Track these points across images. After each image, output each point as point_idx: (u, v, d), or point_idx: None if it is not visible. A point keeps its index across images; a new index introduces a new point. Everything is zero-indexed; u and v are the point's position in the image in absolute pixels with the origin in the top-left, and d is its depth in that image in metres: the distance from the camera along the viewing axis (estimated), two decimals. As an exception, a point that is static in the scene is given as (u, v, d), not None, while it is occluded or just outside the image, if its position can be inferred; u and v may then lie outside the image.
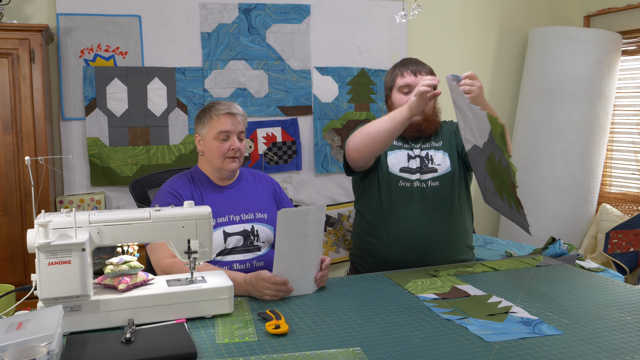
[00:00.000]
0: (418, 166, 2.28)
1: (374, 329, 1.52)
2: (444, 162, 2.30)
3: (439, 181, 2.27)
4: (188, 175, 2.11)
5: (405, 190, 2.25)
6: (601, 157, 3.93)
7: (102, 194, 3.29)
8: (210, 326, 1.55)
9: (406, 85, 2.28)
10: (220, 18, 3.50)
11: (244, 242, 2.03)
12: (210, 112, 2.07)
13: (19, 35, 2.82)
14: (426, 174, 2.27)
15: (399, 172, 2.27)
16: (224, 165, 2.06)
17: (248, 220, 2.07)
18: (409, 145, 2.33)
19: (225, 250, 2.01)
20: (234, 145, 2.04)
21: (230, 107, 2.07)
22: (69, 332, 1.47)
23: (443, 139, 2.36)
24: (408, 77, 2.28)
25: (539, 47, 3.93)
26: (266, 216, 2.10)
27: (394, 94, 2.33)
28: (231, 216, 2.05)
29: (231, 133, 2.05)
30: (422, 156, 2.30)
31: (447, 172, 2.28)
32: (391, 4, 3.81)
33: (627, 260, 3.63)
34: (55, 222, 1.49)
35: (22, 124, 2.85)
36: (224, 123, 2.04)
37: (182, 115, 3.45)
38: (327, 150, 3.76)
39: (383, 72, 3.83)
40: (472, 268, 2.11)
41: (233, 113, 2.06)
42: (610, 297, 1.79)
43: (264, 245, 2.07)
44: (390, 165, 2.28)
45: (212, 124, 2.05)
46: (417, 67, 2.30)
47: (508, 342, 1.43)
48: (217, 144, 2.04)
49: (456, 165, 2.31)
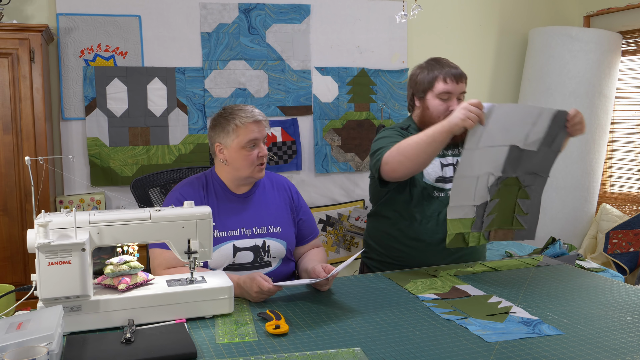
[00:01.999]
0: (451, 175, 2.21)
1: (374, 329, 1.52)
2: None
3: None
4: (202, 180, 2.03)
5: (440, 200, 2.19)
6: (601, 157, 3.93)
7: (102, 194, 3.29)
8: (210, 326, 1.54)
9: (447, 92, 2.16)
10: (220, 18, 3.50)
11: (254, 258, 1.97)
12: (234, 119, 1.95)
13: (19, 35, 2.82)
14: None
15: (435, 182, 2.19)
16: (254, 173, 1.97)
17: (260, 235, 1.99)
18: (441, 153, 2.24)
19: (233, 265, 1.95)
20: (262, 152, 1.96)
21: (253, 113, 1.97)
22: (69, 332, 1.47)
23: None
24: (450, 85, 2.16)
25: (539, 47, 3.93)
26: (279, 230, 2.02)
27: (431, 98, 2.20)
28: (243, 230, 1.98)
29: (259, 140, 1.97)
30: (454, 164, 2.24)
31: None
32: (391, 4, 3.81)
33: (627, 260, 3.63)
34: (55, 222, 1.48)
35: (22, 124, 2.85)
36: (251, 131, 1.94)
37: (182, 115, 3.45)
38: (327, 150, 3.76)
39: (383, 72, 3.83)
40: (472, 268, 2.11)
41: (259, 120, 1.96)
42: (610, 297, 1.79)
43: (274, 261, 2.01)
44: (425, 175, 2.20)
45: (239, 132, 1.94)
46: (459, 73, 2.18)
47: (508, 342, 1.43)
48: (245, 153, 1.95)
49: None
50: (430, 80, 2.19)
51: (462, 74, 2.20)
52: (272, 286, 1.68)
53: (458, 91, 2.18)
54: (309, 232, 2.14)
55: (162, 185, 2.37)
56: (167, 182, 2.36)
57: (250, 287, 1.70)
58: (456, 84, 2.17)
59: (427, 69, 2.22)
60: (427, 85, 2.20)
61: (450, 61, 2.24)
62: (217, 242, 1.93)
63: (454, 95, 2.17)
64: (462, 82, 2.18)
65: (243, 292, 1.74)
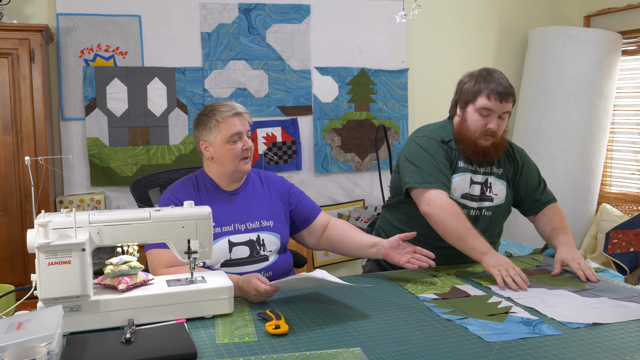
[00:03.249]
0: (478, 194, 2.17)
1: (374, 329, 1.52)
2: (501, 192, 2.21)
3: (492, 211, 2.20)
4: (192, 180, 2.05)
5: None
6: (601, 157, 3.93)
7: (102, 194, 3.29)
8: (210, 326, 1.54)
9: (487, 109, 2.09)
10: (220, 18, 3.50)
11: (250, 253, 1.99)
12: (215, 115, 1.98)
13: (19, 35, 2.82)
14: (482, 202, 2.19)
15: (460, 199, 2.15)
16: (239, 167, 1.99)
17: (254, 229, 2.02)
18: (473, 168, 2.19)
19: (230, 261, 1.96)
20: (246, 145, 1.98)
21: (233, 107, 2.00)
22: (69, 332, 1.47)
23: (503, 166, 2.24)
24: (493, 103, 2.08)
25: (539, 47, 3.93)
26: (272, 224, 2.05)
27: (471, 110, 2.13)
28: (237, 225, 2.00)
29: (242, 133, 1.99)
30: (482, 182, 2.19)
31: (500, 204, 2.21)
32: (391, 4, 3.81)
33: (627, 260, 3.63)
34: (55, 222, 1.48)
35: (22, 124, 2.85)
36: (233, 125, 1.97)
37: (182, 115, 3.45)
38: (327, 150, 3.76)
39: (383, 72, 3.83)
40: (472, 268, 2.11)
41: (240, 112, 1.99)
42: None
43: (271, 254, 2.03)
44: (452, 189, 2.14)
45: (221, 127, 1.96)
46: (505, 91, 2.08)
47: (508, 342, 1.43)
48: (229, 147, 1.97)
49: (510, 197, 2.24)
50: (475, 92, 2.11)
51: (509, 92, 2.09)
52: (267, 287, 1.68)
53: (500, 110, 2.09)
54: (310, 211, 2.15)
55: (162, 185, 2.37)
56: (167, 182, 2.36)
57: (248, 289, 1.71)
58: (499, 102, 2.08)
59: (476, 80, 2.13)
60: (470, 97, 2.13)
61: (503, 76, 2.13)
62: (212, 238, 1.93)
63: (494, 113, 2.10)
64: (506, 101, 2.09)
65: (244, 293, 1.74)
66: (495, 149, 2.15)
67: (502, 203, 2.21)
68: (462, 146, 2.16)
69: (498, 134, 2.12)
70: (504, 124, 2.15)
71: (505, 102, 2.09)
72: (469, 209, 2.15)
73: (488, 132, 2.11)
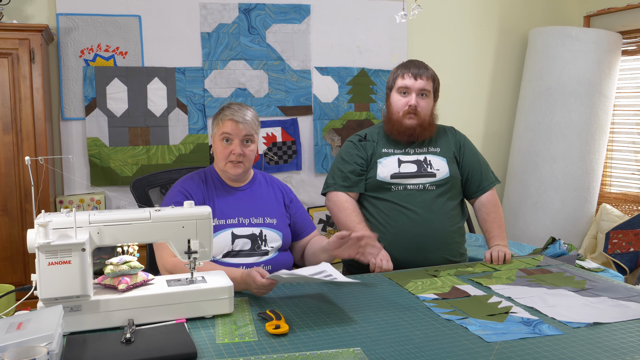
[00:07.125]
0: (413, 171, 2.31)
1: (374, 329, 1.52)
2: (443, 167, 2.33)
3: (436, 186, 2.31)
4: (201, 175, 2.12)
5: (399, 194, 2.29)
6: (601, 157, 3.93)
7: (102, 194, 3.29)
8: (210, 326, 1.54)
9: (404, 87, 2.32)
10: (220, 18, 3.50)
11: (252, 246, 2.03)
12: (221, 113, 2.08)
13: (19, 35, 2.82)
14: (424, 178, 2.31)
15: (390, 178, 2.30)
16: (226, 168, 2.06)
17: (257, 224, 2.06)
18: (402, 150, 2.36)
19: (232, 252, 2.01)
20: (235, 150, 2.03)
21: (235, 114, 2.04)
22: (69, 332, 1.47)
23: (441, 146, 2.39)
24: (408, 80, 2.31)
25: (539, 47, 3.93)
26: (275, 221, 2.10)
27: (394, 94, 2.36)
28: (241, 218, 2.05)
29: (232, 136, 2.03)
30: (421, 160, 2.34)
31: (444, 178, 2.32)
32: (391, 4, 3.81)
33: (627, 260, 3.64)
34: (55, 222, 1.48)
35: (22, 124, 2.85)
36: (226, 127, 2.04)
37: (182, 115, 3.45)
38: (327, 150, 3.76)
39: (383, 72, 3.83)
40: (472, 268, 2.12)
41: (237, 121, 2.03)
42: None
43: (272, 250, 2.06)
44: (379, 173, 2.31)
45: (219, 125, 2.06)
46: (419, 71, 2.32)
47: (508, 342, 1.43)
48: (221, 145, 2.05)
49: (456, 173, 2.35)
50: (394, 77, 2.37)
51: (423, 72, 2.31)
52: (264, 281, 1.70)
53: (416, 87, 2.30)
54: (305, 226, 2.21)
55: (162, 185, 2.37)
56: (167, 182, 2.37)
57: (249, 282, 1.74)
58: (414, 79, 2.30)
59: (395, 70, 2.39)
60: (391, 83, 2.38)
61: (424, 63, 2.37)
62: (217, 229, 2.00)
63: (411, 90, 2.30)
64: (421, 78, 2.30)
65: (247, 286, 1.77)
66: (421, 129, 2.32)
67: (447, 177, 2.31)
68: (389, 128, 2.36)
69: (419, 111, 2.30)
70: (426, 103, 2.33)
71: (420, 79, 2.30)
72: (405, 185, 2.29)
73: (410, 109, 2.29)
